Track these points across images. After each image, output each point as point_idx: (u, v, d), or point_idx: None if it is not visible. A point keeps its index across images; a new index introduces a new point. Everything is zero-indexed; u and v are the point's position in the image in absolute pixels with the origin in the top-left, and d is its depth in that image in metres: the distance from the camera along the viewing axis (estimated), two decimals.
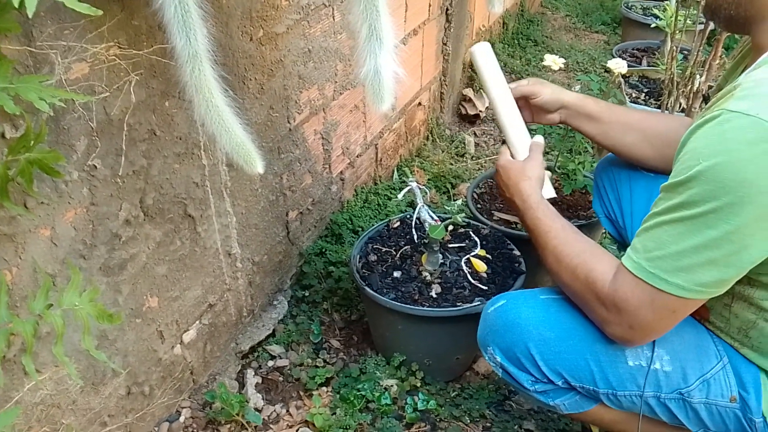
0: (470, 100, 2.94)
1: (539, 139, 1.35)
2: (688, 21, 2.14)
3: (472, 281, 1.56)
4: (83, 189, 1.07)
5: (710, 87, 2.16)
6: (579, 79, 3.10)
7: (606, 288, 0.99)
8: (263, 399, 1.56)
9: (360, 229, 2.00)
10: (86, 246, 1.10)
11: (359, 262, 1.64)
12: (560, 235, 1.13)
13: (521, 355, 1.14)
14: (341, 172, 2.03)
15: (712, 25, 1.99)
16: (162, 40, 1.13)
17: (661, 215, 0.93)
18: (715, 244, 0.87)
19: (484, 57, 1.36)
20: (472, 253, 1.61)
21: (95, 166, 1.07)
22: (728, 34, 1.92)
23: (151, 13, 1.07)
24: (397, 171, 2.44)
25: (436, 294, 1.54)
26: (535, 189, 1.23)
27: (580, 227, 1.70)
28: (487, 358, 1.21)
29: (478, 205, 1.90)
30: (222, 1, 1.27)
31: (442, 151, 2.64)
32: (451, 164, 2.54)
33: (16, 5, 0.69)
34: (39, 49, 0.93)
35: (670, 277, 0.91)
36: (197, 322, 1.47)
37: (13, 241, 0.97)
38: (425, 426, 1.52)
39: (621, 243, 1.53)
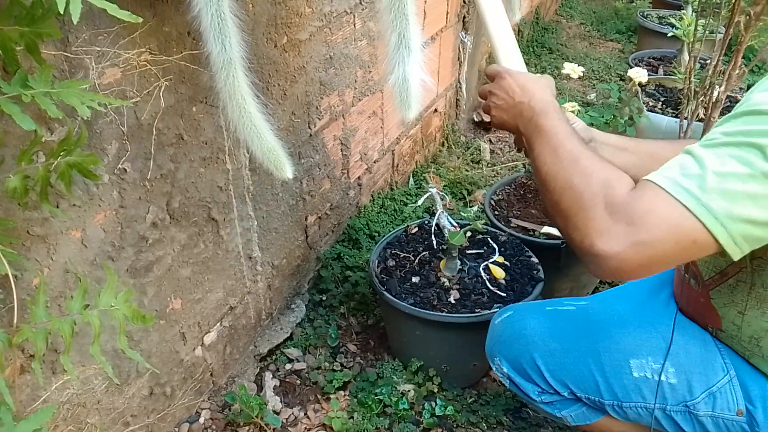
0: None
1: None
2: (706, 31, 2.14)
3: (491, 288, 1.57)
4: (113, 192, 1.08)
5: (729, 97, 2.16)
6: (597, 88, 3.11)
7: (624, 195, 0.83)
8: (281, 402, 1.57)
9: (376, 234, 2.01)
10: (114, 248, 1.12)
11: (378, 267, 1.65)
12: (582, 144, 0.96)
13: (527, 365, 1.15)
14: (359, 177, 2.04)
15: (731, 35, 1.99)
16: (191, 46, 1.15)
17: (708, 140, 0.81)
18: (764, 179, 0.76)
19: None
20: (491, 260, 1.62)
21: (125, 170, 1.09)
22: (748, 44, 1.92)
23: (182, 19, 1.09)
24: (413, 177, 2.45)
25: (454, 300, 1.55)
26: (553, 95, 1.06)
27: None
28: (494, 368, 1.22)
29: (496, 212, 1.90)
30: (249, 9, 1.29)
31: (458, 158, 2.65)
32: (467, 171, 2.55)
33: (61, 11, 0.70)
34: (74, 54, 0.95)
35: (705, 198, 0.77)
36: (218, 324, 1.48)
37: (45, 243, 0.99)
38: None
39: None
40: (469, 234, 1.68)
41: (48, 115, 0.75)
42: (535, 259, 1.66)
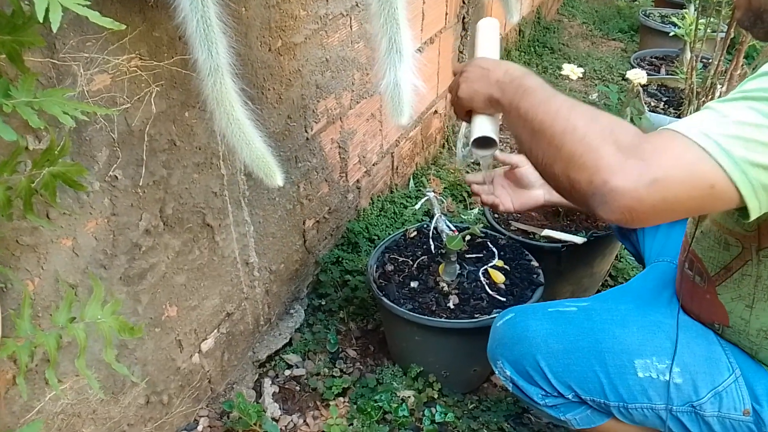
0: None
1: None
2: (707, 30, 2.12)
3: (490, 292, 1.55)
4: (104, 199, 1.07)
5: None
6: (598, 88, 3.08)
7: (636, 136, 0.79)
8: (280, 408, 1.56)
9: (376, 237, 2.00)
10: (107, 256, 1.11)
11: (376, 271, 1.63)
12: (573, 98, 0.90)
13: (530, 368, 1.14)
14: (357, 180, 2.03)
15: (732, 34, 1.96)
16: (182, 51, 1.14)
17: (726, 98, 0.79)
18: None
19: (490, 29, 1.16)
20: (490, 264, 1.60)
21: (116, 177, 1.08)
22: (750, 43, 1.90)
23: (172, 24, 1.08)
24: (413, 179, 2.43)
25: (453, 305, 1.53)
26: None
27: (597, 239, 1.71)
28: (497, 372, 1.21)
29: (496, 215, 1.88)
30: (242, 12, 1.27)
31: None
32: (467, 173, 2.53)
33: (41, 20, 0.69)
34: (62, 61, 0.93)
35: (725, 142, 0.74)
36: (215, 330, 1.47)
37: (35, 252, 0.97)
38: None
39: (638, 256, 1.52)
40: (468, 238, 1.67)
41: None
42: (535, 263, 1.64)
